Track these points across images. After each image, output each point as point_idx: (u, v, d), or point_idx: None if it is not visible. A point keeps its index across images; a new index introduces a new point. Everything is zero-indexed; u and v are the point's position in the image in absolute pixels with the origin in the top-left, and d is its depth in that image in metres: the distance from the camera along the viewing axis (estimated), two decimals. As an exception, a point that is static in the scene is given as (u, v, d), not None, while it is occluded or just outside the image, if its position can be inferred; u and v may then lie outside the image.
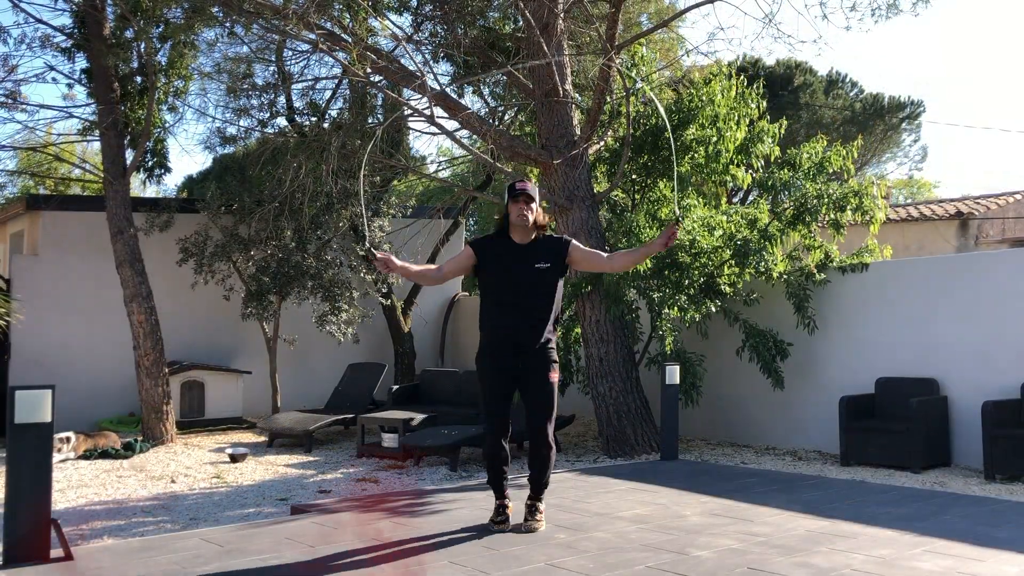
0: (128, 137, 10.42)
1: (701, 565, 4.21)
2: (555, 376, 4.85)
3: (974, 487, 6.91)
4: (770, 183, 9.23)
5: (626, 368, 8.89)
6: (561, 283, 4.95)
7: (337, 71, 10.58)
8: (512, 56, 9.78)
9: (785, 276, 8.96)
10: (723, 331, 9.24)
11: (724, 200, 10.67)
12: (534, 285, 4.78)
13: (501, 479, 4.95)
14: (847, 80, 22.16)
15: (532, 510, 4.94)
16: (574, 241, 4.94)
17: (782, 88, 20.35)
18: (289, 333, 11.78)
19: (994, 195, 15.95)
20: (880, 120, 22.25)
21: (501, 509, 4.95)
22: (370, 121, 10.81)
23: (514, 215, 4.79)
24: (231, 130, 11.41)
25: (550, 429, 4.83)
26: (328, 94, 11.66)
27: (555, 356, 4.88)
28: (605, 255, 5.14)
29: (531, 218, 4.79)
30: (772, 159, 9.71)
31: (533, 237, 4.85)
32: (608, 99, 9.08)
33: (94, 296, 11.39)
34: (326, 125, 11.06)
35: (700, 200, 9.93)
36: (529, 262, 4.76)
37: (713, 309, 8.72)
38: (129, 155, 10.37)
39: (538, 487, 4.95)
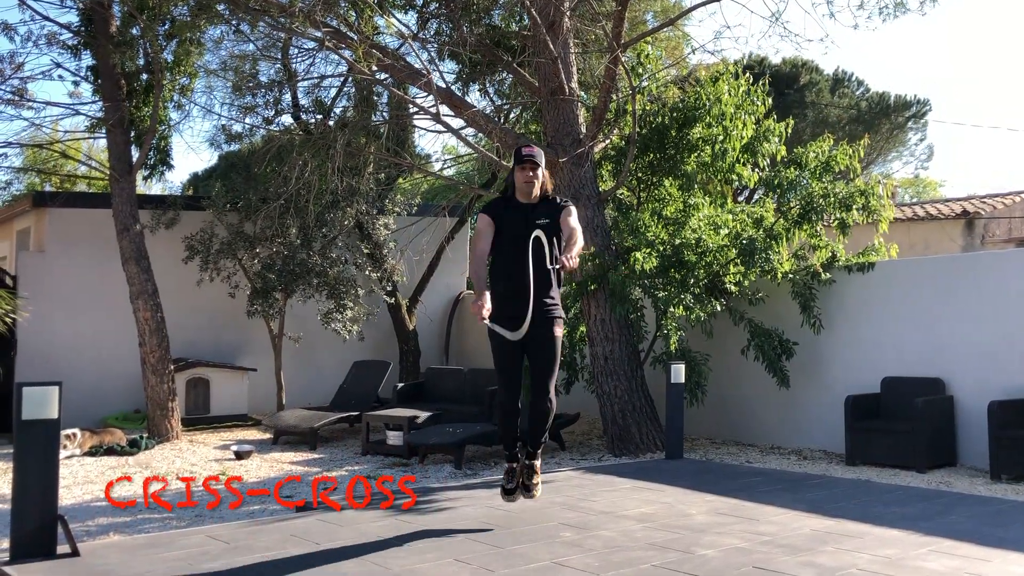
0: (134, 134, 10.43)
1: (707, 564, 4.21)
2: (559, 331, 4.91)
3: (980, 487, 6.90)
4: (776, 182, 9.22)
5: (631, 367, 8.88)
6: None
7: (343, 69, 10.58)
8: (518, 54, 9.78)
9: (791, 275, 8.94)
10: (728, 330, 9.23)
11: (730, 199, 10.65)
12: (535, 241, 4.81)
13: (513, 434, 5.03)
14: (853, 79, 22.09)
15: (530, 471, 5.03)
16: (571, 206, 4.92)
17: (788, 87, 20.29)
18: (294, 331, 11.79)
19: (1000, 194, 15.89)
20: (886, 119, 22.18)
21: (511, 474, 5.04)
22: (375, 119, 10.80)
23: (520, 181, 4.86)
24: (237, 128, 11.43)
25: (552, 383, 4.90)
26: (334, 92, 11.67)
27: (560, 312, 4.92)
28: (575, 241, 4.69)
29: (537, 185, 4.86)
30: (778, 158, 9.69)
31: (537, 198, 4.91)
32: (614, 97, 9.07)
33: (100, 293, 11.39)
34: (332, 123, 11.05)
35: (706, 199, 9.91)
36: (531, 221, 4.83)
37: (718, 308, 8.72)
38: (135, 152, 10.38)
39: (535, 441, 5.03)
